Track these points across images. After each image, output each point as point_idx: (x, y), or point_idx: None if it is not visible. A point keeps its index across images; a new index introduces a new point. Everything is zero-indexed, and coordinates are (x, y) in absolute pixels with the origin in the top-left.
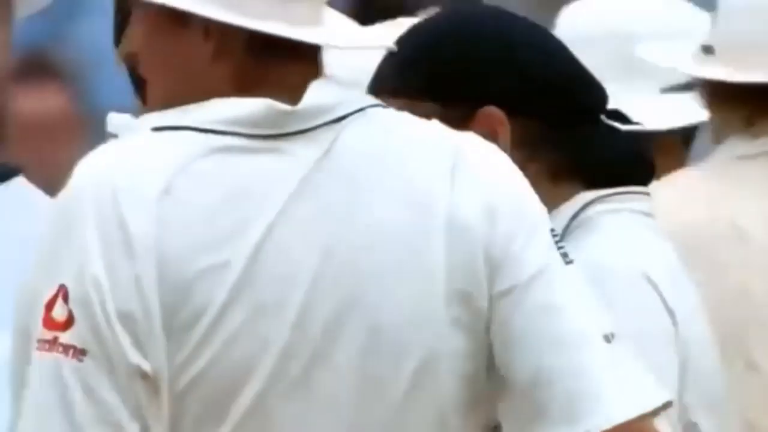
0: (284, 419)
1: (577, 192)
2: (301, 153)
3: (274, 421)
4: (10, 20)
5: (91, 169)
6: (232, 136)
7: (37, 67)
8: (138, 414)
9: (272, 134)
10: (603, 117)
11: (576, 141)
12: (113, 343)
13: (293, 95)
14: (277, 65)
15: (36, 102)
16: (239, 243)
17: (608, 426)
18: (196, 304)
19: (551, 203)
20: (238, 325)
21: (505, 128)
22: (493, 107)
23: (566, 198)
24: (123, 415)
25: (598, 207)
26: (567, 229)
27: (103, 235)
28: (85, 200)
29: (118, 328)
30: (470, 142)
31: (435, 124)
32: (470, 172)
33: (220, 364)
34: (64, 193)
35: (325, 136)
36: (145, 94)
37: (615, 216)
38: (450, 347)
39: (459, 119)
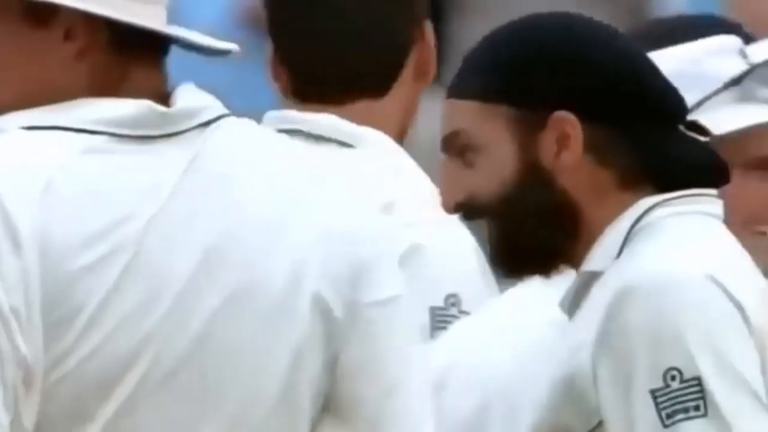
0: (155, 417)
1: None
2: (176, 154)
3: (145, 420)
4: None
5: None
6: (108, 137)
7: None
8: (10, 405)
9: (148, 135)
10: (680, 126)
11: (648, 148)
12: (3, 334)
13: (155, 97)
14: (138, 67)
15: None
16: (120, 240)
17: None
18: (76, 298)
19: (617, 212)
20: (117, 320)
21: (577, 133)
22: (566, 112)
23: (632, 205)
24: None
25: (661, 211)
26: (628, 235)
27: None
28: None
29: (10, 320)
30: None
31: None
32: (332, 185)
33: (96, 359)
34: None
35: (196, 138)
36: None
37: (679, 219)
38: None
39: (531, 123)
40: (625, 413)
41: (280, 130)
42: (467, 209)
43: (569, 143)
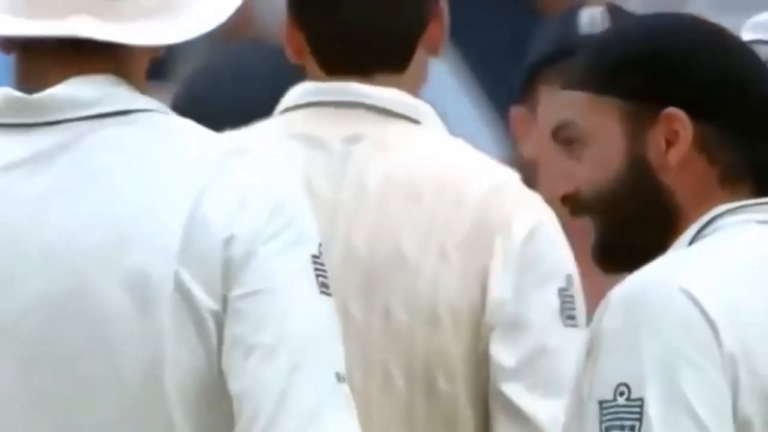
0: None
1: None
2: (41, 141)
3: None
4: None
5: None
6: None
7: None
8: None
9: (19, 123)
10: None
11: (753, 148)
12: None
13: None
14: (41, 60)
15: None
16: None
17: None
18: None
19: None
20: None
21: (687, 131)
22: (677, 109)
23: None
24: None
25: (731, 218)
26: (692, 242)
27: None
28: None
29: None
30: (243, 158)
31: (216, 138)
32: (228, 185)
33: None
34: None
35: (73, 129)
36: None
37: (738, 228)
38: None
39: (641, 118)
40: (581, 416)
41: (341, 103)
42: (573, 204)
43: (678, 140)
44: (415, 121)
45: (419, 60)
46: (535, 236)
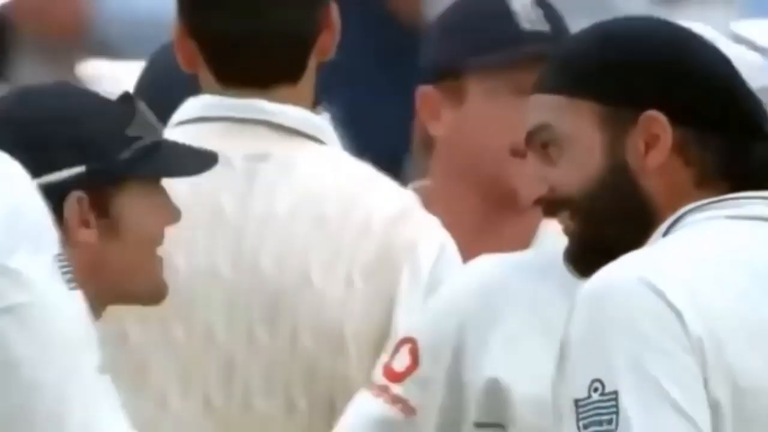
0: None
1: None
2: None
3: None
4: None
5: None
6: None
7: None
8: None
9: None
10: (763, 133)
11: (730, 151)
12: None
13: None
14: None
15: None
16: None
17: None
18: None
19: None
20: None
21: (667, 135)
22: (656, 112)
23: None
24: None
25: (694, 216)
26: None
27: None
28: None
29: None
30: None
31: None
32: None
33: None
34: None
35: None
36: None
37: (702, 224)
38: None
39: (619, 121)
40: (559, 416)
41: (245, 119)
42: (548, 206)
43: (658, 144)
44: (321, 141)
45: (311, 69)
46: (441, 261)
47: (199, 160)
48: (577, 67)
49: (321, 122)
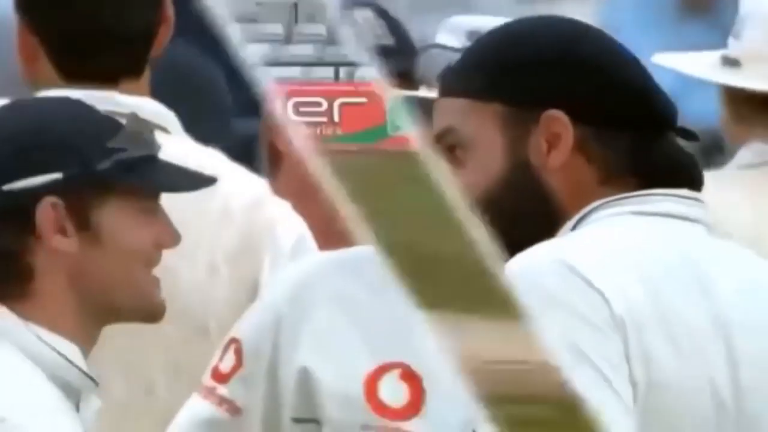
0: None
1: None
2: None
3: None
4: None
5: None
6: None
7: None
8: None
9: None
10: (668, 129)
11: (634, 145)
12: None
13: None
14: None
15: None
16: None
17: None
18: None
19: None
20: None
21: (568, 132)
22: (557, 111)
23: None
24: None
25: (601, 212)
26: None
27: None
28: None
29: None
30: None
31: None
32: None
33: None
34: None
35: None
36: None
37: (607, 220)
38: None
39: (521, 121)
40: None
41: (108, 113)
42: None
43: (559, 143)
44: (168, 131)
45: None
46: (300, 245)
47: (190, 180)
48: (477, 70)
49: (168, 113)
